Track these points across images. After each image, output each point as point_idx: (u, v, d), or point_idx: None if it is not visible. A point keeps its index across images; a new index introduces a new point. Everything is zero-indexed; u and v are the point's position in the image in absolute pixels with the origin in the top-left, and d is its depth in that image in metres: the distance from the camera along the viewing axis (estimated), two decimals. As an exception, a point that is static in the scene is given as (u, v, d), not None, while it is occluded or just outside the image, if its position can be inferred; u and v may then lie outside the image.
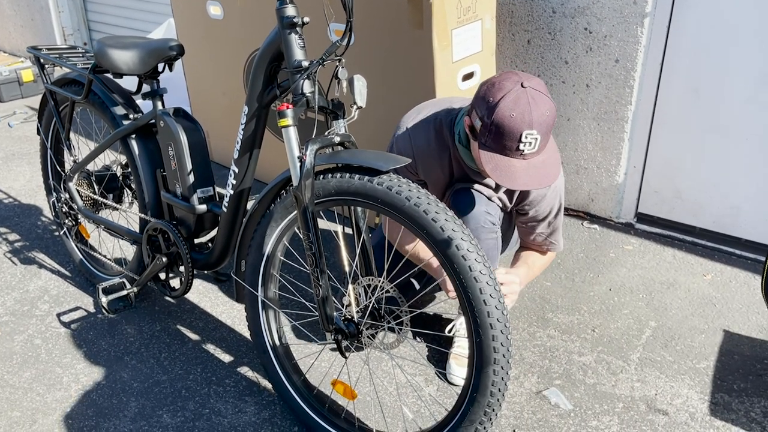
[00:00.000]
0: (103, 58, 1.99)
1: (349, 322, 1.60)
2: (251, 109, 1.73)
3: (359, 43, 2.44)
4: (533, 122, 1.57)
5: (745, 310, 2.27)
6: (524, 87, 1.59)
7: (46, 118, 2.45)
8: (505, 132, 1.59)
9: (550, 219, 1.94)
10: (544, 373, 2.00)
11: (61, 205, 2.46)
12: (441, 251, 1.41)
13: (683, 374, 1.99)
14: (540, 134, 1.59)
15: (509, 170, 1.62)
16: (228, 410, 1.89)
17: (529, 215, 1.93)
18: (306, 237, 1.52)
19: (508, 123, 1.58)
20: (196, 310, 2.33)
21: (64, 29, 5.45)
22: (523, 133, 1.58)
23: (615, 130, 2.69)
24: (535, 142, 1.60)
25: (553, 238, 1.99)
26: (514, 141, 1.59)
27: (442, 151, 1.88)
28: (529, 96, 1.58)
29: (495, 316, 1.40)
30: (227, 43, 3.00)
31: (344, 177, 1.50)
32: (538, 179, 1.62)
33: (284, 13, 1.54)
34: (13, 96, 4.72)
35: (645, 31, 2.49)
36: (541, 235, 1.97)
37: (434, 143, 1.87)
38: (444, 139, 1.87)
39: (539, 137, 1.59)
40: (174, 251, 2.08)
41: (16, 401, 1.94)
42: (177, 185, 2.00)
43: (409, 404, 1.90)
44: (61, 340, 2.19)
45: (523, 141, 1.59)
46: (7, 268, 2.60)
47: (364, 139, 2.61)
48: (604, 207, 2.85)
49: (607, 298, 2.35)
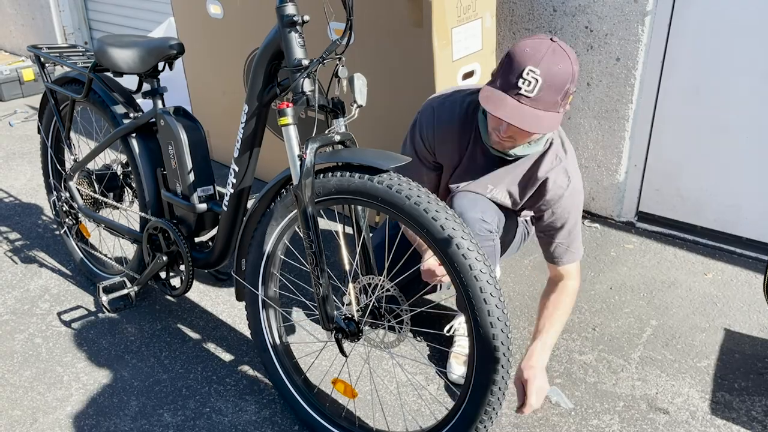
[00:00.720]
0: (104, 57, 1.99)
1: (349, 321, 1.60)
2: (251, 107, 1.73)
3: (359, 41, 2.44)
4: (540, 63, 1.55)
5: (746, 309, 2.26)
6: (553, 40, 1.58)
7: (46, 117, 2.45)
8: (513, 63, 1.57)
9: (570, 227, 1.86)
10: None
11: (61, 204, 2.46)
12: (441, 250, 1.40)
13: (684, 373, 1.98)
14: (543, 79, 1.55)
15: (499, 101, 1.58)
16: (228, 409, 1.89)
17: (546, 221, 1.86)
18: (306, 236, 1.52)
19: (519, 55, 1.57)
20: (196, 309, 2.33)
21: (65, 28, 5.45)
22: (526, 68, 1.55)
23: (616, 129, 2.69)
24: (535, 84, 1.55)
25: (574, 247, 1.88)
26: (516, 75, 1.56)
27: (465, 130, 1.85)
28: (552, 47, 1.57)
29: (495, 315, 1.39)
30: (227, 42, 3.00)
31: (344, 176, 1.50)
32: (520, 119, 1.56)
33: (284, 12, 1.54)
34: (14, 95, 4.72)
35: (646, 30, 2.48)
36: (561, 246, 1.86)
37: (459, 120, 1.85)
38: (469, 118, 1.84)
39: (541, 81, 1.55)
40: (174, 250, 2.08)
41: (16, 400, 1.94)
42: (177, 184, 2.00)
43: (410, 403, 1.90)
44: (62, 339, 2.19)
45: (524, 77, 1.55)
46: (8, 267, 2.61)
47: (364, 137, 2.61)
48: (605, 206, 2.85)
49: (608, 296, 2.35)
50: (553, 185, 1.81)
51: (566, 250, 1.87)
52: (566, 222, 1.85)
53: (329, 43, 1.51)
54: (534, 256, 2.59)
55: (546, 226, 1.88)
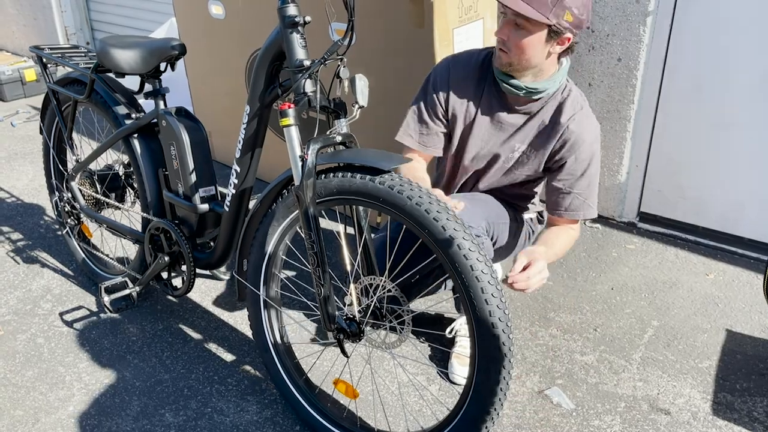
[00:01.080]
0: (106, 58, 1.99)
1: (350, 322, 1.60)
2: (253, 108, 1.73)
3: (361, 42, 2.44)
4: None
5: (747, 310, 2.26)
6: None
7: (48, 117, 2.46)
8: None
9: (590, 177, 1.86)
10: (546, 372, 2.00)
11: (63, 204, 2.47)
12: (442, 250, 1.40)
13: (685, 374, 1.98)
14: None
15: None
16: (230, 409, 1.89)
17: (567, 169, 1.85)
18: (308, 236, 1.52)
19: None
20: (198, 310, 2.34)
21: (67, 29, 5.46)
22: None
23: (617, 129, 2.69)
24: None
25: (591, 201, 1.87)
26: None
27: (480, 79, 1.88)
28: None
29: (497, 316, 1.39)
30: (229, 43, 3.00)
31: (346, 176, 1.50)
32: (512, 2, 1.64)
33: (286, 13, 1.54)
34: (16, 95, 4.72)
35: (647, 30, 2.48)
36: (579, 197, 1.85)
37: (474, 68, 1.88)
38: (484, 67, 1.87)
39: None
40: (176, 250, 2.08)
41: (18, 400, 1.94)
42: (179, 184, 2.00)
43: (411, 403, 1.90)
44: (64, 339, 2.19)
45: None
46: (10, 268, 2.61)
47: (365, 138, 2.61)
48: (606, 206, 2.85)
49: (610, 297, 2.35)
50: (577, 127, 1.82)
51: (583, 203, 1.87)
52: (587, 169, 1.85)
53: (331, 44, 1.51)
54: (535, 256, 2.59)
55: (567, 176, 1.86)
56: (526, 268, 1.59)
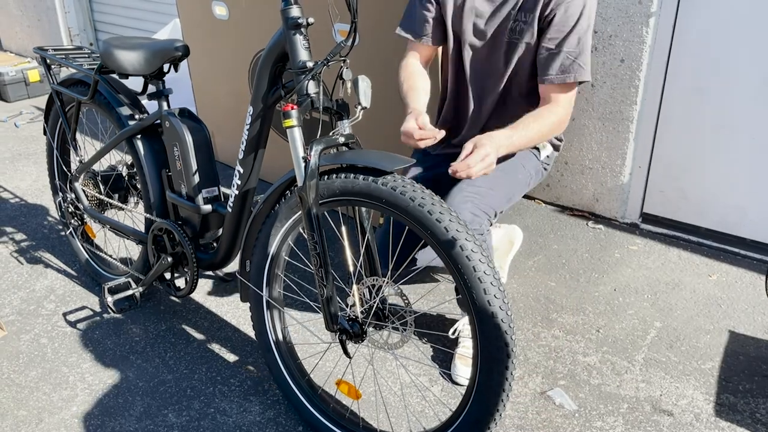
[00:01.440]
0: (109, 59, 2.00)
1: (353, 322, 1.60)
2: (256, 109, 1.74)
3: (364, 43, 2.45)
4: None
5: (750, 311, 2.26)
6: None
7: (52, 118, 2.47)
8: None
9: (580, 33, 1.79)
10: (548, 373, 2.00)
11: (67, 205, 2.47)
12: (445, 251, 1.41)
13: (688, 375, 1.98)
14: None
15: None
16: (233, 410, 1.89)
17: (556, 24, 1.79)
18: (311, 237, 1.53)
19: None
20: (201, 310, 2.34)
21: (71, 30, 5.48)
22: None
23: (620, 130, 2.68)
24: None
25: (582, 61, 1.77)
26: None
27: None
28: None
29: (499, 317, 1.40)
30: (232, 44, 3.01)
31: (349, 177, 1.51)
32: None
33: (289, 14, 1.54)
34: (20, 96, 4.74)
35: (650, 31, 2.48)
36: (570, 56, 1.78)
37: None
38: None
39: None
40: (179, 251, 2.08)
41: (22, 400, 1.95)
42: (182, 185, 2.01)
43: (414, 404, 1.90)
44: (67, 340, 2.20)
45: None
46: (14, 268, 2.62)
47: (368, 139, 2.61)
48: (609, 207, 2.85)
49: (612, 298, 2.35)
50: None
51: (573, 62, 1.80)
52: (577, 23, 1.79)
53: (334, 45, 1.51)
54: (538, 257, 2.60)
55: (556, 33, 1.81)
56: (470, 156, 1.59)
